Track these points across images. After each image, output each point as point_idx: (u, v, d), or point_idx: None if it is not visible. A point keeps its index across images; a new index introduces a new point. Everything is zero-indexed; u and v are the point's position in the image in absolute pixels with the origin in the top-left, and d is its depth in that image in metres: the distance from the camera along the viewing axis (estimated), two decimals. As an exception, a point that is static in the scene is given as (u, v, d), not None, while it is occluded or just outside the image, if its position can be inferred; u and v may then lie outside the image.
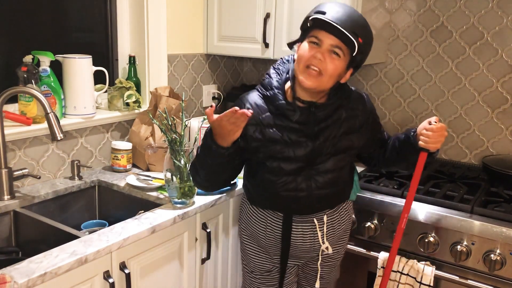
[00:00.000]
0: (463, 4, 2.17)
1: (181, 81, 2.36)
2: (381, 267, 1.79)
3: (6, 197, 1.65)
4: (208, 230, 1.75)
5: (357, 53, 1.38)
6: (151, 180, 1.88)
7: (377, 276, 1.79)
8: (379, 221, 1.85)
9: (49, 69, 1.80)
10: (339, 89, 1.49)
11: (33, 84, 1.73)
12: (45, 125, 1.69)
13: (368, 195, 1.89)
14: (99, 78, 2.00)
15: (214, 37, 2.38)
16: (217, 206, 1.78)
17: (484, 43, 2.16)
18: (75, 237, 1.44)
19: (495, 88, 2.17)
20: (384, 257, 1.78)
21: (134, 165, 2.07)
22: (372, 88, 2.46)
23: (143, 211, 1.65)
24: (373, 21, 2.16)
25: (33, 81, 1.73)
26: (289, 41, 1.52)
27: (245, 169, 1.63)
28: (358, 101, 1.56)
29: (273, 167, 1.49)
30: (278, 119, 1.48)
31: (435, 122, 1.47)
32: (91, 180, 1.91)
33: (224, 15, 2.32)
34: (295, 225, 1.56)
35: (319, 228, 1.57)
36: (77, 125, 1.90)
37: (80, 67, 1.88)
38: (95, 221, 1.86)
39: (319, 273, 1.67)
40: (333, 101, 1.48)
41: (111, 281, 1.38)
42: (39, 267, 1.22)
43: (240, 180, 1.79)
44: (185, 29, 2.32)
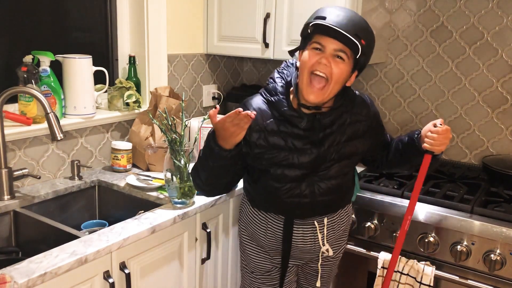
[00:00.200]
0: (463, 4, 2.17)
1: (181, 81, 2.36)
2: (381, 267, 1.79)
3: (6, 197, 1.65)
4: (208, 230, 1.75)
5: (360, 55, 1.36)
6: (151, 180, 1.88)
7: (377, 276, 1.79)
8: (379, 221, 1.85)
9: (49, 69, 1.80)
10: (343, 94, 1.47)
11: (33, 84, 1.73)
12: (45, 125, 1.69)
13: (368, 195, 1.89)
14: (99, 78, 2.00)
15: (214, 37, 2.38)
16: (217, 206, 1.79)
17: (484, 43, 2.16)
18: (75, 237, 1.44)
19: (495, 88, 2.17)
20: (384, 257, 1.79)
21: (134, 165, 2.07)
22: (372, 88, 2.46)
23: (143, 211, 1.65)
24: (373, 21, 2.16)
25: (33, 81, 1.73)
26: (289, 42, 1.51)
27: (247, 174, 1.61)
28: (361, 105, 1.54)
29: (277, 174, 1.48)
30: (282, 126, 1.46)
31: (440, 124, 1.45)
32: (91, 180, 1.91)
33: (224, 15, 2.32)
34: (296, 227, 1.56)
35: (320, 230, 1.57)
36: (77, 125, 1.90)
37: (80, 67, 1.88)
38: (95, 221, 1.86)
39: (319, 274, 1.67)
40: (338, 106, 1.47)
41: (111, 281, 1.38)
42: (39, 267, 1.22)
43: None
44: (185, 29, 2.32)
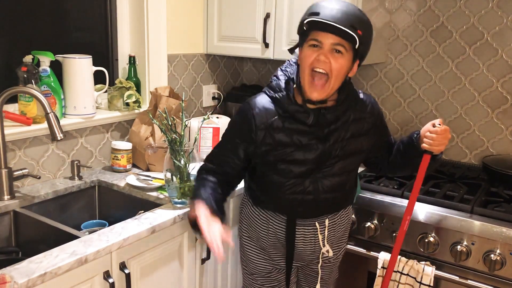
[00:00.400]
0: (463, 4, 2.17)
1: (181, 81, 2.36)
2: (381, 267, 1.79)
3: (6, 197, 1.65)
4: (208, 230, 1.75)
5: (359, 45, 1.36)
6: (151, 180, 1.88)
7: (377, 276, 1.79)
8: (379, 221, 1.85)
9: (49, 69, 1.80)
10: (346, 89, 1.48)
11: (33, 84, 1.73)
12: (45, 125, 1.69)
13: (368, 195, 1.89)
14: (99, 78, 2.00)
15: (214, 37, 2.38)
16: (217, 206, 1.78)
17: (484, 43, 2.16)
18: (75, 237, 1.44)
19: (495, 88, 2.17)
20: (384, 257, 1.79)
21: (134, 165, 2.07)
22: (372, 88, 2.46)
23: (143, 211, 1.65)
24: (373, 21, 2.14)
25: (33, 81, 1.73)
26: (289, 42, 1.51)
27: (250, 170, 1.61)
28: (365, 103, 1.55)
29: (283, 169, 1.48)
30: (287, 122, 1.46)
31: (439, 124, 1.45)
32: (91, 180, 1.91)
33: (224, 15, 2.32)
34: (297, 228, 1.56)
35: (320, 231, 1.57)
36: (77, 125, 1.90)
37: (80, 67, 1.88)
38: (95, 221, 1.86)
39: (319, 276, 1.66)
40: (341, 101, 1.47)
41: (111, 281, 1.38)
42: (39, 267, 1.22)
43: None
44: (185, 29, 2.32)
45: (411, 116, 2.38)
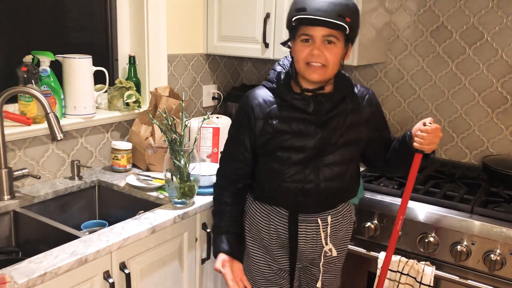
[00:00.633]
0: (463, 4, 2.17)
1: (181, 81, 2.36)
2: (381, 267, 1.78)
3: (6, 197, 1.66)
4: (208, 230, 1.75)
5: (349, 32, 1.39)
6: (151, 180, 1.88)
7: (377, 276, 1.79)
8: (379, 221, 1.85)
9: (49, 69, 1.80)
10: (339, 75, 1.51)
11: (33, 84, 1.73)
12: (45, 125, 1.69)
13: (368, 195, 1.89)
14: (99, 78, 2.00)
15: (214, 37, 2.38)
16: (217, 206, 1.78)
17: (484, 43, 2.16)
18: (75, 237, 1.44)
19: (495, 88, 2.17)
20: (384, 257, 1.78)
21: (134, 165, 2.07)
22: (372, 88, 2.46)
23: (143, 211, 1.65)
24: (373, 21, 2.16)
25: (33, 81, 1.73)
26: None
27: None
28: (363, 94, 1.57)
29: (282, 156, 1.50)
30: (286, 111, 1.49)
31: (430, 123, 1.45)
32: (91, 180, 1.91)
33: (224, 15, 2.32)
34: (299, 224, 1.55)
35: (323, 229, 1.56)
36: (77, 125, 1.90)
37: (80, 67, 1.88)
38: (95, 221, 1.86)
39: (321, 273, 1.64)
40: (338, 91, 1.50)
41: (111, 281, 1.38)
42: (39, 267, 1.22)
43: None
44: (185, 29, 2.32)
45: (411, 116, 2.38)
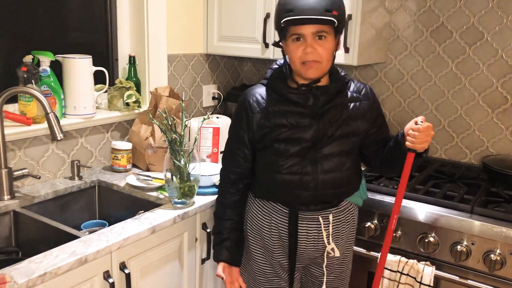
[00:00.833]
0: (463, 4, 2.17)
1: (181, 81, 2.36)
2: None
3: (6, 197, 1.66)
4: (208, 230, 1.75)
5: (338, 24, 1.41)
6: (151, 180, 1.88)
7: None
8: (379, 221, 1.85)
9: (49, 69, 1.80)
10: (336, 73, 1.54)
11: (33, 84, 1.73)
12: (45, 125, 1.69)
13: (368, 195, 1.88)
14: (99, 78, 2.00)
15: (214, 37, 2.38)
16: (217, 206, 1.78)
17: (484, 43, 2.16)
18: (75, 237, 1.44)
19: (495, 88, 2.17)
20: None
21: (134, 165, 2.07)
22: (372, 88, 2.45)
23: (143, 211, 1.65)
24: (373, 21, 2.16)
25: (33, 81, 1.73)
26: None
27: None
28: (360, 88, 1.59)
29: (279, 148, 1.51)
30: (282, 105, 1.51)
31: (422, 122, 1.45)
32: (91, 180, 1.91)
33: (224, 15, 2.32)
34: (300, 222, 1.55)
35: (324, 227, 1.56)
36: (77, 125, 1.90)
37: (80, 67, 1.88)
38: (95, 221, 1.86)
39: (325, 276, 1.62)
40: (333, 83, 1.52)
41: (111, 281, 1.38)
42: (39, 267, 1.22)
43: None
44: (185, 29, 2.32)
45: (411, 116, 2.38)
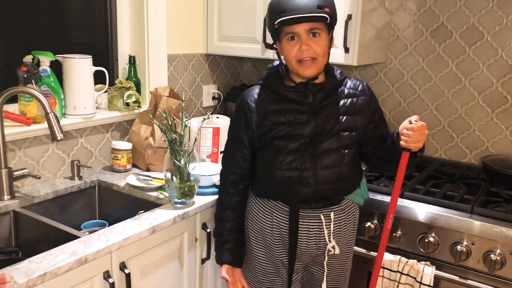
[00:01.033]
0: (463, 4, 2.17)
1: (181, 81, 2.36)
2: (381, 267, 1.79)
3: (6, 197, 1.66)
4: (208, 230, 1.75)
5: (330, 20, 1.42)
6: (151, 180, 1.88)
7: (378, 276, 1.79)
8: (379, 221, 1.85)
9: (49, 69, 1.80)
10: (331, 69, 1.56)
11: (33, 84, 1.73)
12: (45, 125, 1.69)
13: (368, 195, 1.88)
14: (99, 78, 2.00)
15: (214, 37, 2.38)
16: (217, 206, 1.78)
17: (484, 43, 2.15)
18: (75, 237, 1.44)
19: (495, 88, 2.17)
20: (384, 257, 1.78)
21: (134, 165, 2.07)
22: (372, 88, 2.44)
23: (143, 211, 1.65)
24: (373, 21, 2.16)
25: (33, 81, 1.73)
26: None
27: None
28: (356, 85, 1.60)
29: (278, 145, 1.52)
30: (280, 104, 1.53)
31: (416, 121, 1.46)
32: (91, 180, 1.91)
33: (224, 15, 2.32)
34: (301, 220, 1.55)
35: (326, 225, 1.56)
36: (77, 125, 1.90)
37: (80, 67, 1.88)
38: (95, 221, 1.86)
39: (325, 274, 1.63)
40: (330, 80, 1.54)
41: (111, 281, 1.38)
42: (39, 267, 1.22)
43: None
44: (185, 29, 2.32)
45: (411, 116, 2.37)
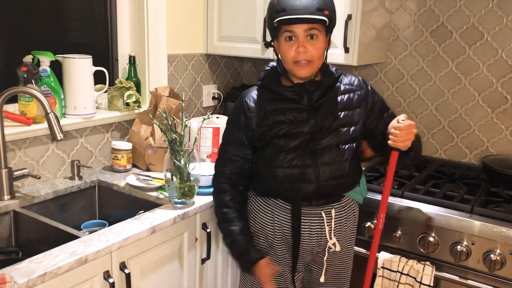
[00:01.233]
0: (463, 4, 2.17)
1: (181, 81, 2.36)
2: (381, 267, 1.79)
3: (6, 197, 1.65)
4: (208, 230, 1.75)
5: (329, 23, 1.43)
6: (151, 180, 1.88)
7: (377, 276, 1.79)
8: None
9: (49, 69, 1.80)
10: (328, 68, 1.57)
11: (33, 84, 1.73)
12: (45, 125, 1.69)
13: (368, 195, 1.88)
14: (99, 78, 2.00)
15: (214, 37, 2.38)
16: (217, 206, 1.78)
17: (484, 43, 2.15)
18: (75, 237, 1.44)
19: (495, 88, 2.17)
20: (384, 257, 1.79)
21: (134, 165, 2.07)
22: (372, 88, 2.46)
23: (143, 211, 1.65)
24: (373, 21, 2.16)
25: (33, 81, 1.73)
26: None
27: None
28: (352, 80, 1.62)
29: (279, 143, 1.53)
30: (279, 103, 1.54)
31: (403, 120, 1.45)
32: (91, 180, 1.91)
33: (224, 15, 2.32)
34: (303, 218, 1.56)
35: (327, 222, 1.57)
36: (77, 125, 1.90)
37: (80, 67, 1.88)
38: (95, 221, 1.86)
39: (324, 268, 1.63)
40: (327, 78, 1.55)
41: (111, 281, 1.38)
42: (39, 267, 1.22)
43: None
44: (185, 29, 2.32)
45: (411, 116, 2.38)
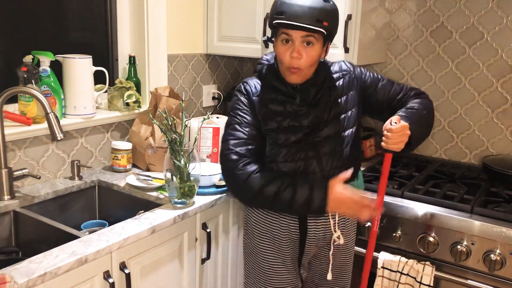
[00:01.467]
0: (463, 4, 2.17)
1: (181, 81, 2.36)
2: (381, 267, 1.79)
3: (6, 197, 1.65)
4: (208, 230, 1.75)
5: (327, 34, 1.43)
6: (151, 180, 1.88)
7: (377, 276, 1.79)
8: (379, 221, 1.85)
9: (49, 69, 1.80)
10: (322, 65, 1.57)
11: (33, 84, 1.73)
12: (45, 125, 1.69)
13: (368, 195, 1.88)
14: (99, 78, 2.00)
15: (214, 37, 2.38)
16: (217, 206, 1.78)
17: (484, 43, 2.16)
18: (75, 237, 1.44)
19: (495, 88, 2.17)
20: (384, 257, 1.79)
21: (134, 165, 2.07)
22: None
23: (143, 211, 1.65)
24: (373, 21, 2.16)
25: (33, 81, 1.73)
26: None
27: None
28: (340, 66, 1.63)
29: (280, 138, 1.54)
30: (279, 94, 1.56)
31: (396, 122, 1.43)
32: (91, 180, 1.91)
33: (224, 15, 2.32)
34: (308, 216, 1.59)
35: (332, 215, 1.59)
36: (77, 125, 1.90)
37: (80, 67, 1.88)
38: (95, 221, 1.86)
39: (331, 263, 1.64)
40: (320, 73, 1.55)
41: (111, 281, 1.38)
42: (39, 267, 1.22)
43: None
44: (185, 29, 2.32)
45: (411, 116, 2.38)
